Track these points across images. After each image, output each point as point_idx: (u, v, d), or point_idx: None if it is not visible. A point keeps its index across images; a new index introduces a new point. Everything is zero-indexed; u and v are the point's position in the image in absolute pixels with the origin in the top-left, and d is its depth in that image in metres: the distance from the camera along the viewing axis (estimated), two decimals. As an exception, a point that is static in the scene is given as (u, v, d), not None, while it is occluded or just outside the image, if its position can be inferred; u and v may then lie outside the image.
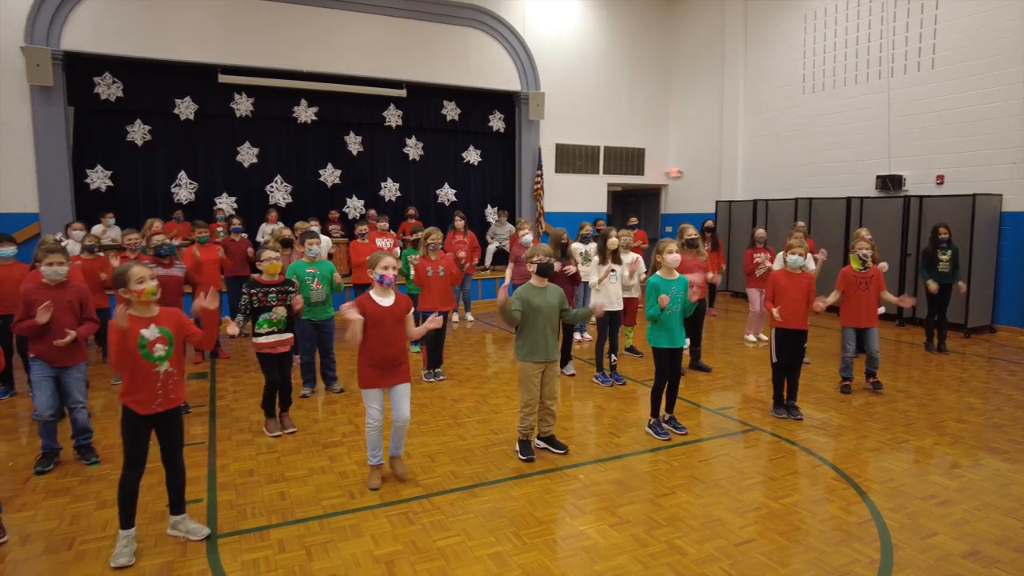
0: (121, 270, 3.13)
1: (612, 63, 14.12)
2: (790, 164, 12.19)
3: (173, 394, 3.23)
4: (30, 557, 3.28)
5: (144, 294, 3.11)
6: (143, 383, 3.13)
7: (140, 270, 3.12)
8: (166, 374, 3.18)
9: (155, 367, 3.15)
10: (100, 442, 4.75)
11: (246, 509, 3.77)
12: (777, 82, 12.40)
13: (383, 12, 11.68)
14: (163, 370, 3.17)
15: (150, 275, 3.15)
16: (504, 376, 6.77)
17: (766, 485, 4.09)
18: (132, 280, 3.09)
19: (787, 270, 5.45)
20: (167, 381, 3.19)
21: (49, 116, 9.66)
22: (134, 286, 3.09)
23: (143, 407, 3.13)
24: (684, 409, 5.58)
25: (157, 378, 3.15)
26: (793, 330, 5.33)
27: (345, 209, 12.05)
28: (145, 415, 3.16)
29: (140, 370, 3.12)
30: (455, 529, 3.52)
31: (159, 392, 3.16)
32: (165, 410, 3.21)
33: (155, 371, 3.15)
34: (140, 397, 3.13)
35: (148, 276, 3.13)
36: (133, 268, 3.12)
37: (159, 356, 3.16)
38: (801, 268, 5.45)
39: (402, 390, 4.04)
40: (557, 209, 13.62)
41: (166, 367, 3.18)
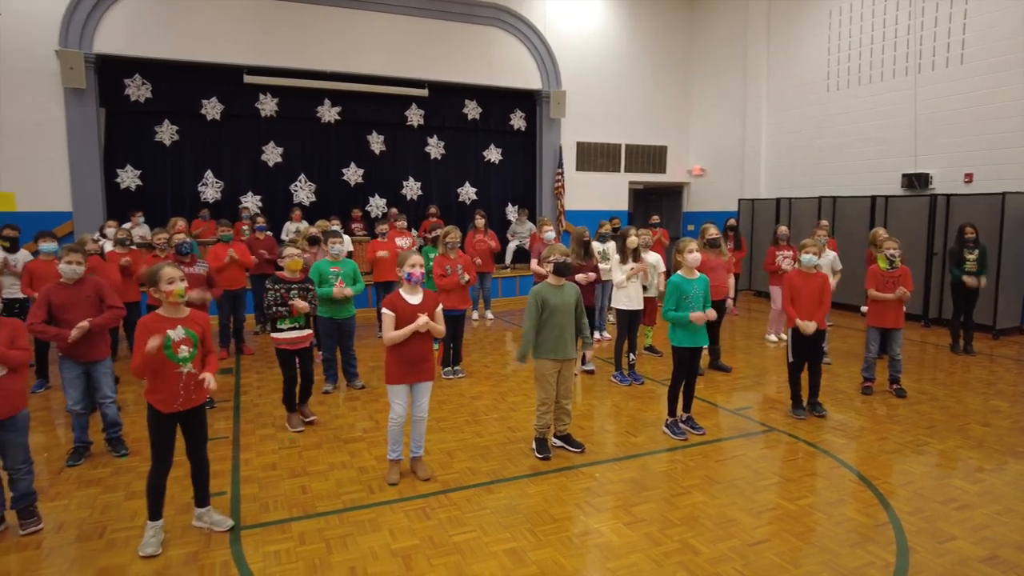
0: (153, 270, 3.24)
1: (634, 60, 14.07)
2: (813, 162, 12.05)
3: (195, 394, 3.32)
4: (64, 544, 3.41)
5: (173, 295, 3.21)
6: (166, 383, 3.22)
7: (171, 271, 3.22)
8: (188, 375, 3.27)
9: (178, 368, 3.23)
10: (129, 435, 4.89)
11: (268, 502, 3.87)
12: (801, 79, 12.25)
13: (405, 12, 11.78)
14: (186, 371, 3.26)
15: (180, 276, 3.24)
16: (522, 374, 6.81)
17: (782, 486, 4.09)
18: (163, 280, 3.19)
19: (802, 270, 5.42)
20: (189, 382, 3.28)
21: (82, 117, 9.92)
22: (164, 286, 3.19)
23: (165, 406, 3.24)
24: (702, 409, 5.58)
25: (180, 378, 3.24)
26: None
27: (368, 208, 12.18)
28: (167, 413, 3.26)
29: (164, 370, 3.21)
30: (471, 525, 3.58)
31: (180, 392, 3.25)
32: (186, 409, 3.30)
33: (178, 371, 3.24)
34: (162, 396, 3.23)
35: (178, 277, 3.23)
36: (164, 268, 3.22)
37: (183, 357, 3.25)
38: (816, 267, 5.41)
39: (425, 387, 4.13)
40: (578, 207, 13.62)
41: (189, 368, 3.27)
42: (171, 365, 3.22)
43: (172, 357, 3.22)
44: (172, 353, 3.22)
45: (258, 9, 10.82)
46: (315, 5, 11.15)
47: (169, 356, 3.21)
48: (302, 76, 11.22)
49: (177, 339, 3.23)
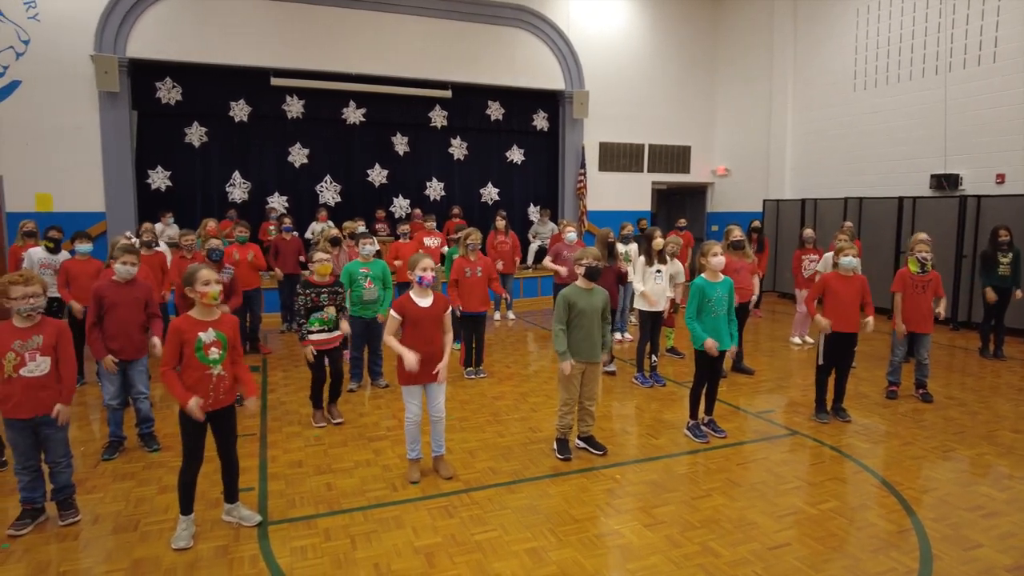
0: (192, 270, 3.34)
1: (658, 60, 14.02)
2: (840, 163, 11.90)
3: (224, 395, 3.41)
4: (100, 536, 3.53)
5: (207, 296, 3.30)
6: (196, 384, 3.31)
7: (208, 273, 3.32)
8: (218, 377, 3.36)
9: (208, 369, 3.32)
10: (161, 431, 5.03)
11: (295, 498, 3.96)
12: (827, 79, 12.11)
13: (429, 14, 11.87)
14: (216, 373, 3.35)
15: (216, 279, 3.33)
16: (544, 375, 6.85)
17: (804, 490, 4.07)
18: (199, 281, 3.29)
19: (840, 272, 5.37)
20: (219, 384, 3.36)
21: (115, 120, 10.17)
22: (199, 287, 3.29)
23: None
24: (724, 412, 5.57)
25: (209, 380, 3.33)
26: (844, 333, 5.26)
27: (392, 208, 12.31)
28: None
29: (194, 371, 3.30)
30: (493, 524, 3.63)
31: (210, 393, 3.34)
32: (215, 409, 3.39)
33: (208, 373, 3.32)
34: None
35: (214, 280, 3.32)
36: (203, 271, 3.32)
37: (213, 359, 3.34)
38: (855, 270, 5.36)
39: (439, 388, 4.19)
40: (600, 208, 13.60)
41: (219, 370, 3.36)
42: (202, 367, 3.31)
43: (203, 359, 3.31)
44: (203, 355, 3.31)
45: (284, 12, 10.99)
46: (341, 8, 11.29)
47: (200, 358, 3.30)
48: (328, 78, 11.37)
49: (208, 341, 3.33)
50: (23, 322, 3.46)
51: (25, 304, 3.40)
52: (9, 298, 3.39)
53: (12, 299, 3.39)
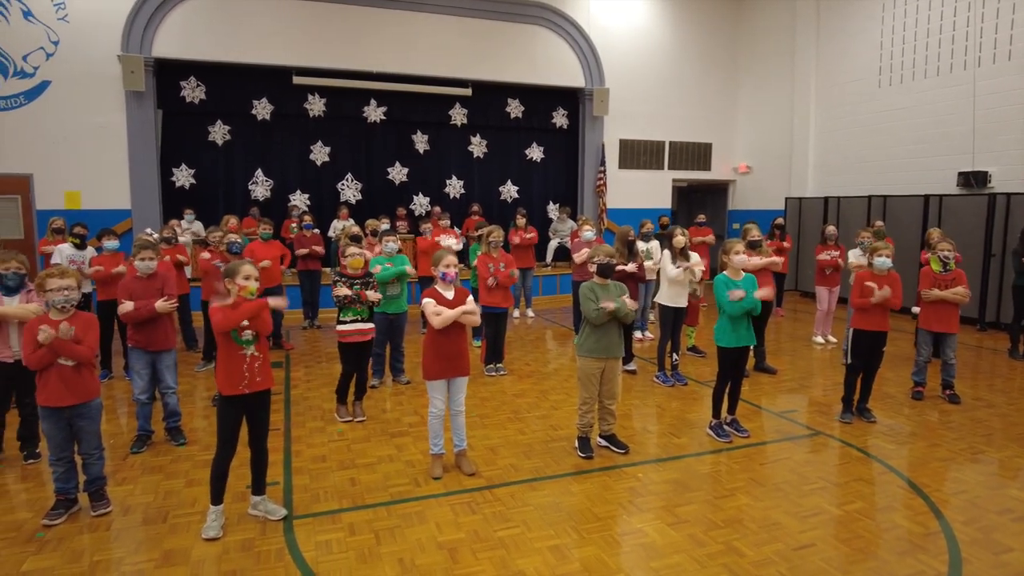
0: (235, 264, 3.46)
1: (679, 57, 13.92)
2: (863, 160, 11.73)
3: (259, 377, 3.49)
4: (130, 527, 3.61)
5: (245, 291, 3.41)
6: (232, 364, 3.42)
7: (251, 270, 3.45)
8: (252, 357, 3.46)
9: (242, 350, 3.44)
10: (187, 425, 5.12)
11: (319, 493, 4.01)
12: (851, 75, 11.94)
13: (450, 12, 11.88)
14: (249, 353, 3.46)
15: (256, 276, 3.47)
16: (564, 373, 6.85)
17: (829, 491, 4.04)
18: (240, 275, 3.41)
19: (874, 272, 5.31)
20: (252, 364, 3.46)
21: (141, 119, 10.33)
22: (240, 280, 3.40)
23: (231, 387, 3.41)
24: (747, 411, 5.53)
25: (244, 360, 3.44)
26: (873, 331, 5.21)
27: (412, 206, 12.36)
28: (233, 396, 3.42)
29: (230, 352, 3.42)
30: (515, 520, 3.65)
31: (245, 374, 3.43)
32: (252, 392, 3.47)
33: (242, 353, 3.44)
34: (228, 378, 3.42)
35: (255, 277, 3.45)
36: (246, 266, 3.45)
37: (247, 340, 3.45)
38: (889, 270, 5.29)
39: (461, 382, 4.25)
40: (620, 205, 13.55)
41: (252, 351, 3.47)
42: (236, 347, 3.43)
43: (237, 340, 3.43)
44: (237, 336, 3.42)
45: (307, 11, 11.07)
46: (363, 7, 11.34)
47: (235, 339, 3.42)
48: (349, 77, 11.44)
49: (242, 324, 3.42)
50: (58, 314, 3.58)
51: (60, 296, 3.54)
52: (46, 290, 3.54)
53: (48, 291, 3.53)
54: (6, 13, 9.60)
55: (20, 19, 9.66)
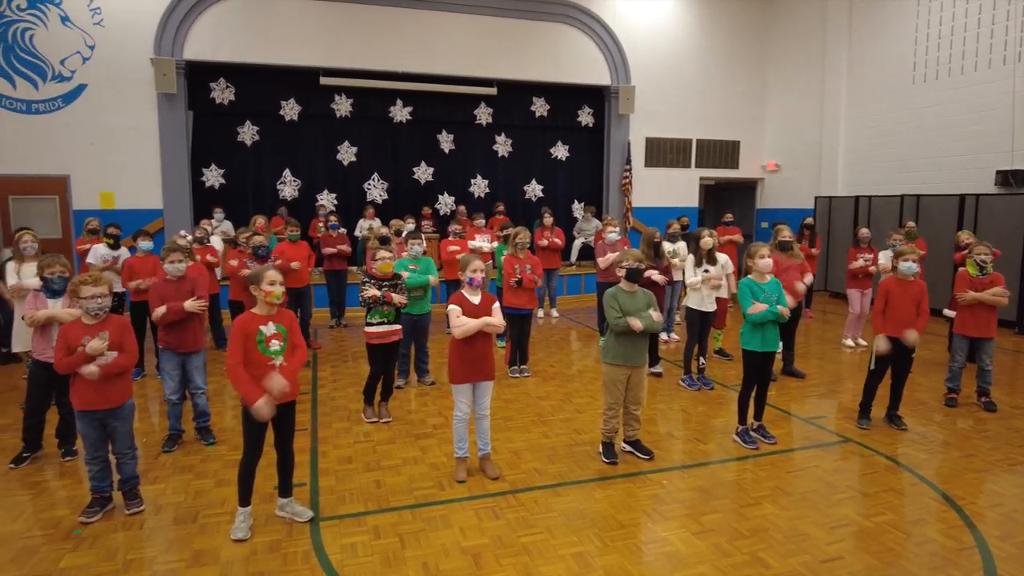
0: (260, 270, 3.50)
1: (706, 54, 13.74)
2: (896, 158, 11.47)
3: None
4: (162, 526, 3.69)
5: (271, 296, 3.45)
6: (259, 376, 3.42)
7: (275, 275, 3.47)
8: (280, 368, 3.48)
9: (270, 361, 3.46)
10: (216, 425, 5.21)
11: (345, 495, 4.05)
12: (884, 72, 11.67)
13: (476, 12, 11.89)
14: (278, 364, 3.48)
15: (281, 281, 3.49)
16: (588, 375, 6.83)
17: (858, 501, 3.97)
18: (265, 280, 3.44)
19: (899, 277, 5.20)
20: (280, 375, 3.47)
21: (172, 120, 10.53)
22: (265, 286, 3.44)
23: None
24: (774, 417, 5.46)
25: (271, 372, 3.44)
26: (900, 339, 5.10)
27: (437, 206, 12.42)
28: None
29: (257, 363, 3.43)
30: (539, 527, 3.65)
31: None
32: (278, 403, 3.49)
33: (270, 364, 3.45)
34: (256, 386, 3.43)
35: (279, 281, 3.48)
36: (271, 271, 3.48)
37: (274, 351, 3.47)
38: (915, 275, 5.18)
39: (487, 386, 4.26)
40: (646, 204, 13.45)
41: (280, 361, 3.49)
42: (264, 359, 3.44)
43: (264, 351, 3.45)
44: (264, 347, 3.45)
45: (333, 12, 11.17)
46: (389, 7, 11.40)
47: (262, 350, 3.44)
48: (375, 77, 11.52)
49: (269, 334, 3.46)
50: (91, 320, 3.65)
51: (93, 303, 3.61)
52: (80, 297, 3.60)
53: (82, 298, 3.59)
54: (45, 19, 9.86)
55: (58, 24, 9.92)
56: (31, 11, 9.79)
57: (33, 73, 9.90)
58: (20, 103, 9.89)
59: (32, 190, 10.16)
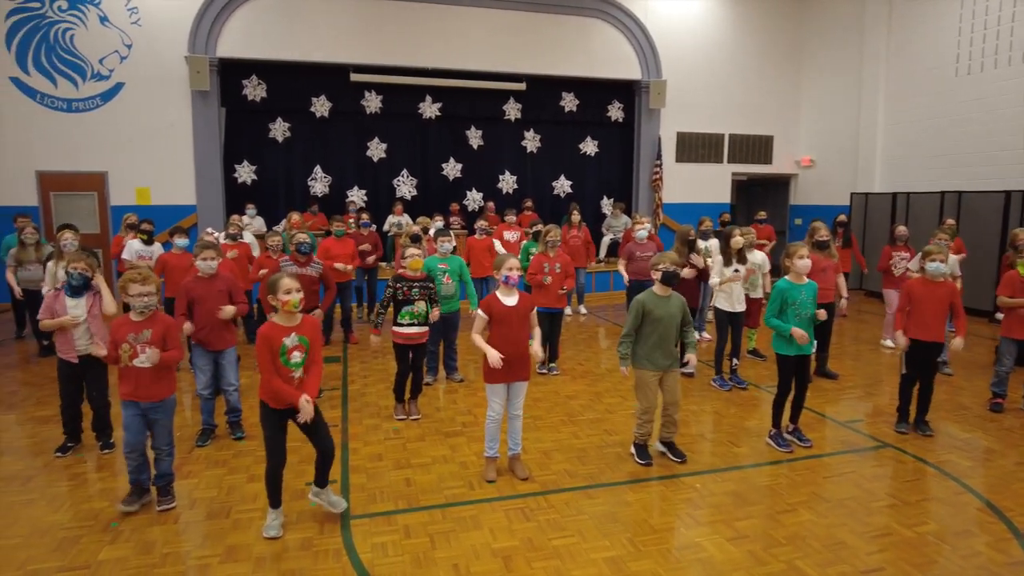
0: (274, 279, 3.46)
1: (739, 46, 13.49)
2: (936, 154, 11.12)
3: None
4: (196, 520, 3.74)
5: (288, 305, 3.42)
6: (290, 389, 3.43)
7: (289, 282, 3.43)
8: (299, 380, 3.48)
9: (291, 373, 3.45)
10: (247, 420, 5.25)
11: (375, 492, 4.06)
12: (925, 64, 11.31)
13: (505, 7, 11.83)
14: (298, 376, 3.48)
15: (297, 288, 3.45)
16: (618, 375, 6.69)
17: (898, 509, 3.85)
18: (280, 290, 3.41)
19: (926, 278, 5.04)
20: (301, 387, 3.48)
21: (206, 118, 10.69)
22: (281, 296, 3.41)
23: (278, 404, 3.45)
24: (808, 420, 5.33)
25: (293, 383, 3.45)
26: (925, 343, 4.95)
27: (465, 202, 12.42)
28: (278, 409, 3.47)
29: (279, 374, 3.43)
30: (570, 529, 3.61)
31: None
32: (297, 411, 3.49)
33: (291, 376, 3.45)
34: (275, 395, 3.44)
35: (295, 289, 3.44)
36: (284, 279, 3.43)
37: (295, 363, 3.46)
38: (943, 276, 5.01)
39: (521, 387, 4.22)
40: (677, 200, 13.28)
41: (300, 374, 3.48)
42: (286, 371, 3.44)
43: (286, 363, 3.44)
44: (286, 359, 3.44)
45: (364, 9, 11.20)
46: (419, 3, 11.41)
47: (284, 362, 3.43)
48: (405, 73, 11.54)
49: (291, 345, 3.44)
50: (137, 316, 3.72)
51: (140, 301, 3.67)
52: (128, 295, 3.68)
53: (130, 296, 3.66)
54: (84, 20, 10.07)
55: (97, 24, 10.12)
56: (71, 11, 10.01)
57: (74, 72, 10.13)
58: (61, 102, 10.13)
59: (72, 186, 10.40)
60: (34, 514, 3.80)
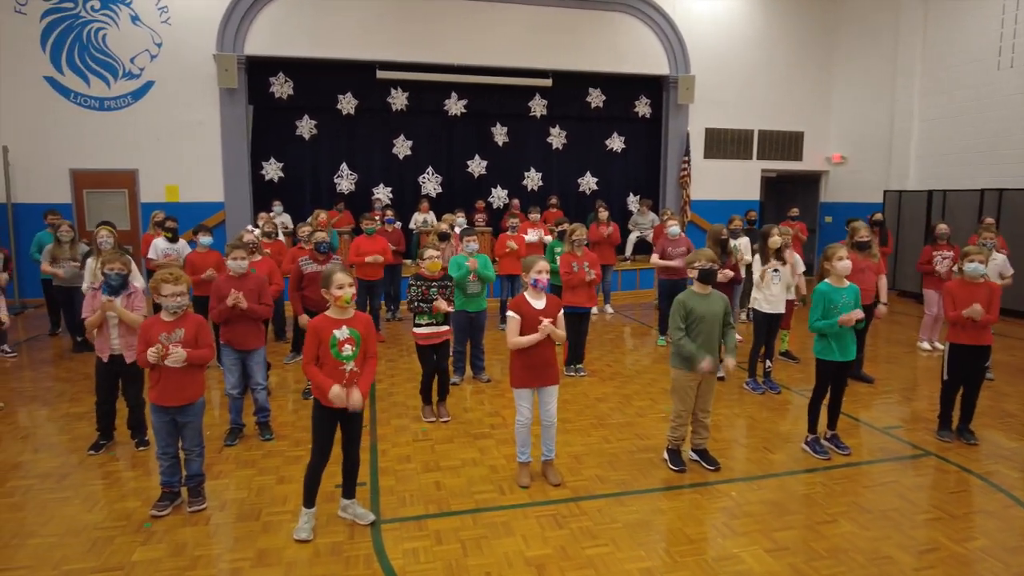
0: (328, 272, 3.47)
1: (769, 40, 13.21)
2: (976, 150, 10.79)
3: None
4: (227, 522, 3.73)
5: (340, 300, 3.41)
6: (330, 377, 3.41)
7: (343, 277, 3.43)
8: (351, 373, 3.45)
9: (342, 365, 3.43)
10: (276, 419, 5.27)
11: (405, 496, 4.03)
12: (964, 56, 10.97)
13: (531, 2, 11.70)
14: (349, 369, 3.45)
15: (350, 283, 3.45)
16: (647, 376, 6.66)
17: (945, 523, 3.71)
18: (334, 284, 3.41)
19: (965, 280, 4.86)
20: (352, 380, 3.45)
21: (233, 115, 10.75)
22: (334, 290, 3.41)
23: (328, 401, 3.42)
24: (844, 425, 5.17)
25: (343, 376, 3.43)
26: (971, 345, 4.77)
27: (490, 199, 12.36)
28: (331, 408, 3.44)
29: (329, 367, 3.42)
30: (603, 538, 3.54)
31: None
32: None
33: (342, 369, 3.43)
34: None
35: (348, 284, 3.43)
36: (337, 274, 3.43)
37: (347, 355, 3.44)
38: (983, 277, 4.83)
39: (551, 391, 4.14)
40: (705, 197, 13.08)
41: (352, 367, 3.45)
42: (336, 363, 3.42)
43: (337, 355, 3.42)
44: (337, 352, 3.42)
45: (390, 6, 11.17)
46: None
47: (335, 355, 3.41)
48: (431, 70, 11.49)
49: (342, 338, 3.43)
50: (169, 316, 3.72)
51: (173, 301, 3.67)
52: (160, 295, 3.67)
53: (163, 296, 3.66)
54: (116, 19, 10.20)
55: (128, 23, 10.24)
56: (104, 11, 10.14)
57: (106, 72, 10.27)
58: (94, 101, 10.27)
59: (104, 184, 10.55)
60: (68, 513, 3.82)
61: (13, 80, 9.98)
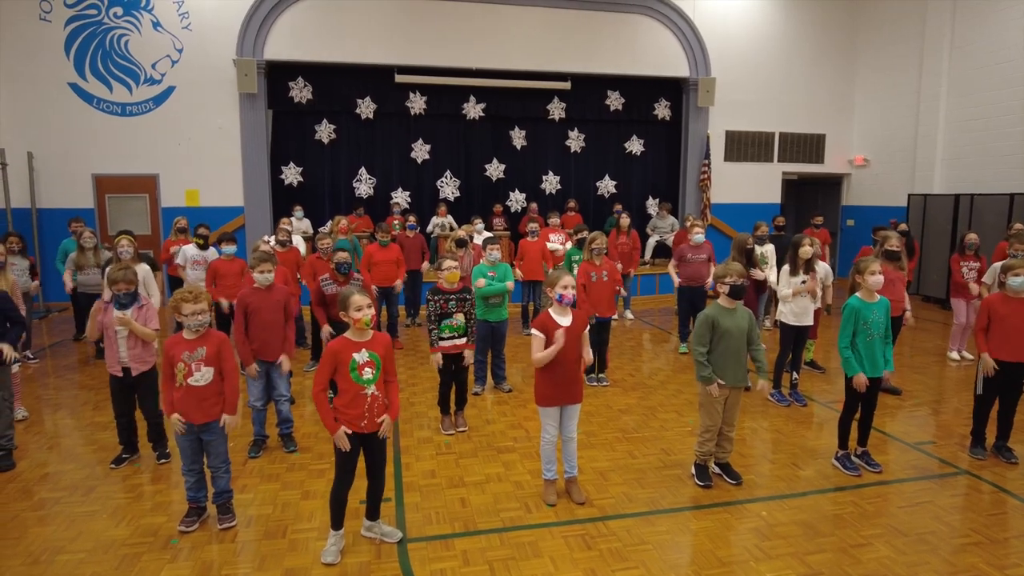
0: (345, 294, 3.41)
1: (790, 42, 13.05)
2: (1005, 153, 10.56)
3: (379, 416, 3.45)
4: (253, 540, 3.71)
5: (359, 323, 3.36)
6: (352, 402, 3.38)
7: (360, 299, 3.36)
8: (372, 396, 3.40)
9: (363, 389, 3.38)
10: (299, 430, 5.26)
11: (431, 514, 3.99)
12: (993, 56, 10.74)
13: (549, 5, 11.65)
14: (370, 392, 3.39)
15: (368, 304, 3.39)
16: (671, 387, 6.58)
17: (986, 548, 3.61)
18: (352, 307, 3.36)
19: (1006, 293, 4.73)
20: (373, 403, 3.41)
21: (253, 120, 10.79)
22: (353, 313, 3.36)
23: (351, 424, 3.39)
24: (873, 440, 5.00)
25: (364, 400, 3.38)
26: (1011, 363, 4.64)
27: (508, 203, 12.31)
28: (354, 431, 3.41)
29: (349, 391, 3.37)
30: (633, 560, 3.48)
31: (365, 413, 3.39)
32: (370, 431, 3.44)
33: (363, 393, 3.38)
34: (349, 415, 3.39)
35: (366, 305, 3.38)
36: (355, 296, 3.37)
37: (367, 379, 3.39)
38: None
39: (574, 409, 4.10)
40: (725, 200, 12.95)
41: (372, 390, 3.40)
42: (357, 388, 3.37)
43: (357, 379, 3.36)
44: (357, 375, 3.37)
45: (409, 10, 11.16)
46: (464, 3, 11.31)
47: (354, 378, 3.36)
48: (449, 74, 11.47)
49: (361, 362, 3.38)
50: (191, 334, 3.69)
51: (194, 320, 3.63)
52: (180, 314, 3.64)
53: (183, 315, 3.63)
54: (138, 25, 10.27)
55: (150, 30, 10.31)
56: (127, 18, 10.22)
57: (128, 77, 10.35)
58: (116, 106, 10.36)
59: (126, 189, 10.64)
60: (96, 527, 3.83)
61: (38, 87, 10.09)
